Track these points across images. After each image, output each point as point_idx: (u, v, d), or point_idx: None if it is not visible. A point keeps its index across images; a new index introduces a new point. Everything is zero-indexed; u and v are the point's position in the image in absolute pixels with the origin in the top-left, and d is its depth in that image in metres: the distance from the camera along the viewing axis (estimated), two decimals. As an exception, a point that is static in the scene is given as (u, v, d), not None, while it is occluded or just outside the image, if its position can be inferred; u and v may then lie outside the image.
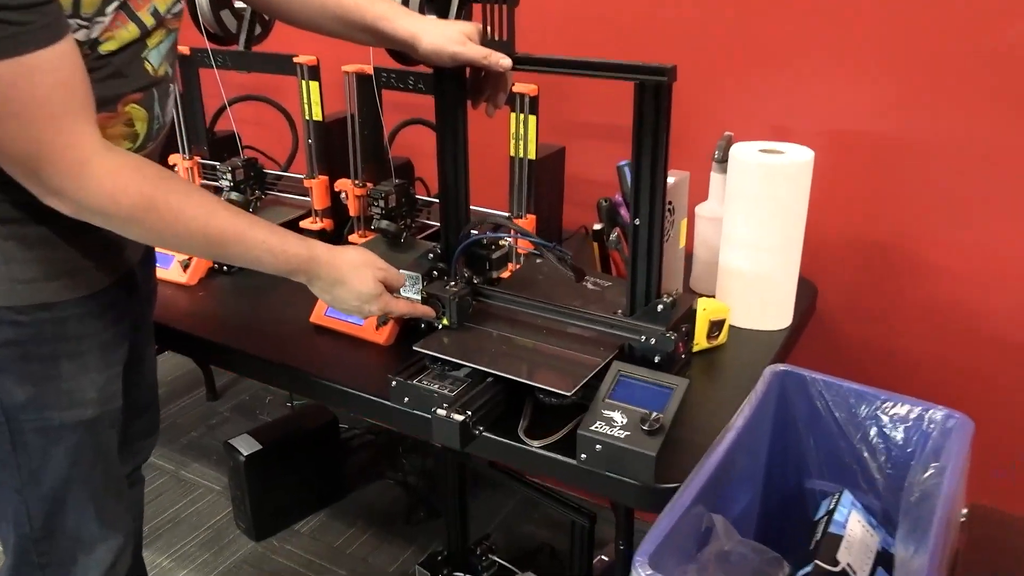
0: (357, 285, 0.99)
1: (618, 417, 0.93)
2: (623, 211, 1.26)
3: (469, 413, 0.93)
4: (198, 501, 1.99)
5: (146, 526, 1.86)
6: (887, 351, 1.47)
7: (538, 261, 1.27)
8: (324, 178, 1.51)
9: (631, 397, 0.95)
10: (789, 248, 1.24)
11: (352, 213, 1.48)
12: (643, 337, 1.01)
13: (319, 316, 1.26)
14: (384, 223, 1.40)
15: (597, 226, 1.27)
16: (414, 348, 1.05)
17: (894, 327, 1.45)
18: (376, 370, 1.15)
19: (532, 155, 1.31)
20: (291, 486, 1.88)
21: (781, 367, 1.05)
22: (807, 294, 1.35)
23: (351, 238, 1.49)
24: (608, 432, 0.91)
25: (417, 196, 1.47)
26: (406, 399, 1.04)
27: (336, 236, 1.53)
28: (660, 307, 1.01)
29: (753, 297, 1.25)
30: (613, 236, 1.24)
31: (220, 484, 2.01)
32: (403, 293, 1.11)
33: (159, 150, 1.01)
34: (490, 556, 1.54)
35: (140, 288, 1.08)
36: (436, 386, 1.02)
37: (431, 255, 1.15)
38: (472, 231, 1.14)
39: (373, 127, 1.43)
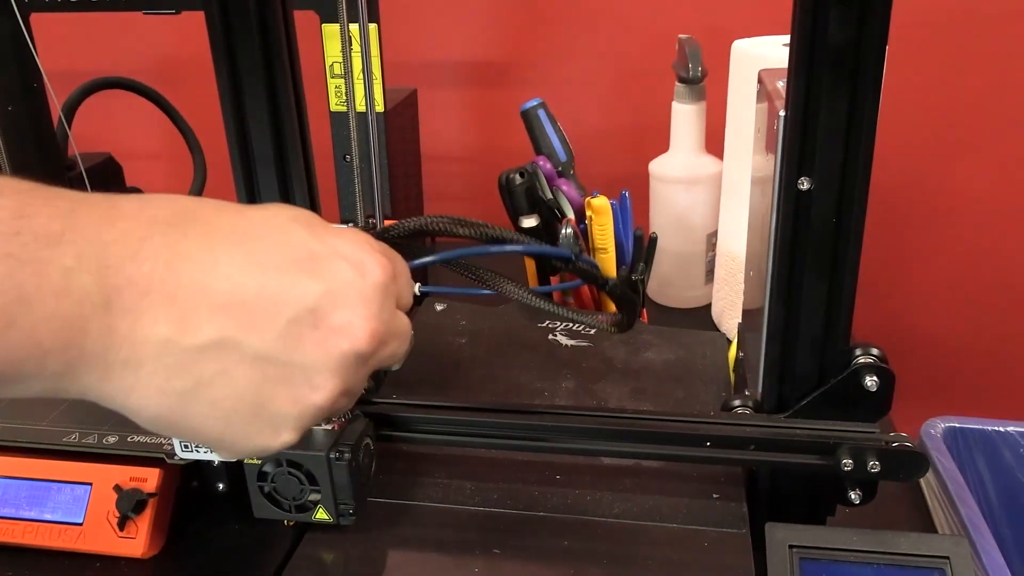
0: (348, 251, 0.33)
1: None
2: (564, 186, 0.69)
3: None
4: None
5: None
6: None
7: (438, 308, 0.64)
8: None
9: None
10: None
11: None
12: (844, 458, 0.41)
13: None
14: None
15: (530, 222, 0.68)
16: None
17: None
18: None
19: (380, 105, 0.68)
20: None
21: (942, 421, 0.61)
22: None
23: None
24: None
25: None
26: None
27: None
28: (869, 379, 0.41)
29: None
30: (567, 232, 0.66)
31: None
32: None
33: None
34: None
35: None
36: None
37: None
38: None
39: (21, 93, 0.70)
